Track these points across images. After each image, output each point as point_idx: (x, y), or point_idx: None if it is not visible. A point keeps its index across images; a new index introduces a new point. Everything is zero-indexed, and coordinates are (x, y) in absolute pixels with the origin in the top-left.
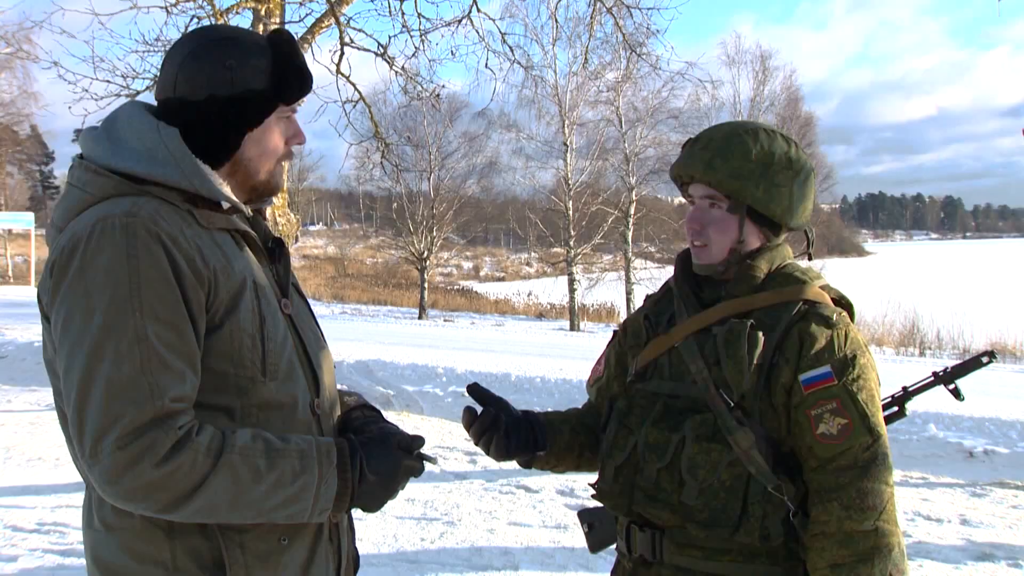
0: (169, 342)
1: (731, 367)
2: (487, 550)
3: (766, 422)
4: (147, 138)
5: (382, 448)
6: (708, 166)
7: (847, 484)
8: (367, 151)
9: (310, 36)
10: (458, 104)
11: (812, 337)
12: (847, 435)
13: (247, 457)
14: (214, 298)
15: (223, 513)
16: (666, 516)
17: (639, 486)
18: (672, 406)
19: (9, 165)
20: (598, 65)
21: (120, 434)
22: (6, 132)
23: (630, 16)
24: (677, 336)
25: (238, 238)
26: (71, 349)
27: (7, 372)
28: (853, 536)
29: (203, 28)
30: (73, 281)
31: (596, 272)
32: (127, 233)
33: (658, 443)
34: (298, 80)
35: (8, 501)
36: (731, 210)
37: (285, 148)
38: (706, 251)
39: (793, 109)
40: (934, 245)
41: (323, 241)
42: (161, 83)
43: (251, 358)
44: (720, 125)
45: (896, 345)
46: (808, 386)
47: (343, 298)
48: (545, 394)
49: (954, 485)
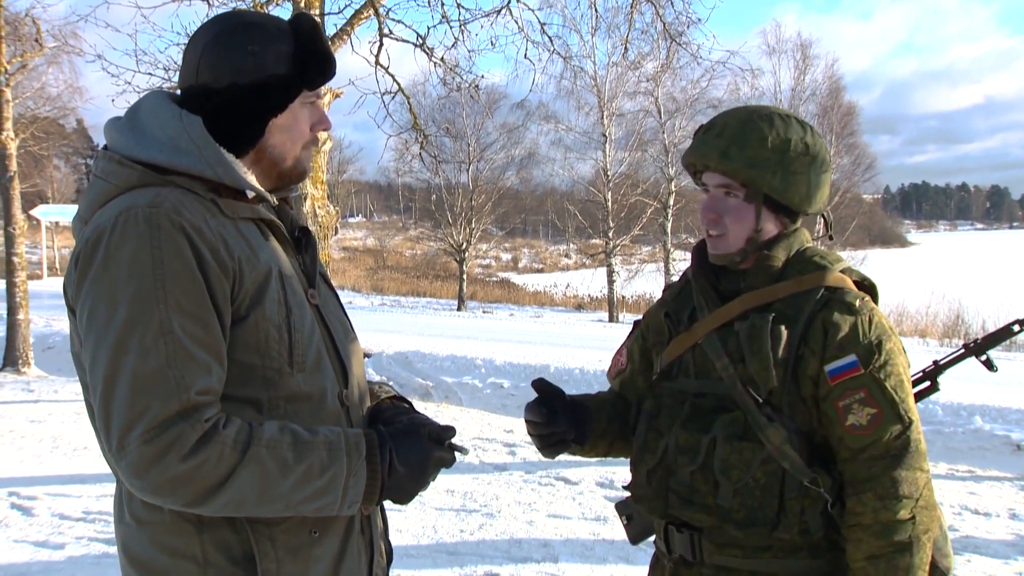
0: (194, 334)
1: (756, 364)
2: (526, 542)
3: (796, 415)
4: (170, 127)
5: (412, 439)
6: (723, 155)
7: (880, 474)
8: (406, 143)
9: (349, 27)
10: (497, 95)
11: (836, 326)
12: (877, 424)
13: (274, 450)
14: (239, 289)
15: (251, 506)
16: (703, 518)
17: (673, 489)
18: (700, 406)
19: (56, 159)
20: (637, 55)
21: (146, 428)
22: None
23: (670, 5)
24: (699, 333)
25: (264, 227)
26: (96, 342)
27: (54, 362)
28: (889, 526)
29: (225, 14)
30: (97, 274)
31: (635, 263)
32: (151, 224)
33: (689, 445)
34: (321, 65)
35: (55, 490)
36: (748, 199)
37: (310, 134)
38: (723, 241)
39: (835, 98)
40: (979, 235)
41: (362, 233)
42: (183, 71)
43: (277, 349)
44: (734, 110)
45: (940, 336)
46: (834, 377)
47: (382, 290)
48: (584, 385)
49: (1002, 479)
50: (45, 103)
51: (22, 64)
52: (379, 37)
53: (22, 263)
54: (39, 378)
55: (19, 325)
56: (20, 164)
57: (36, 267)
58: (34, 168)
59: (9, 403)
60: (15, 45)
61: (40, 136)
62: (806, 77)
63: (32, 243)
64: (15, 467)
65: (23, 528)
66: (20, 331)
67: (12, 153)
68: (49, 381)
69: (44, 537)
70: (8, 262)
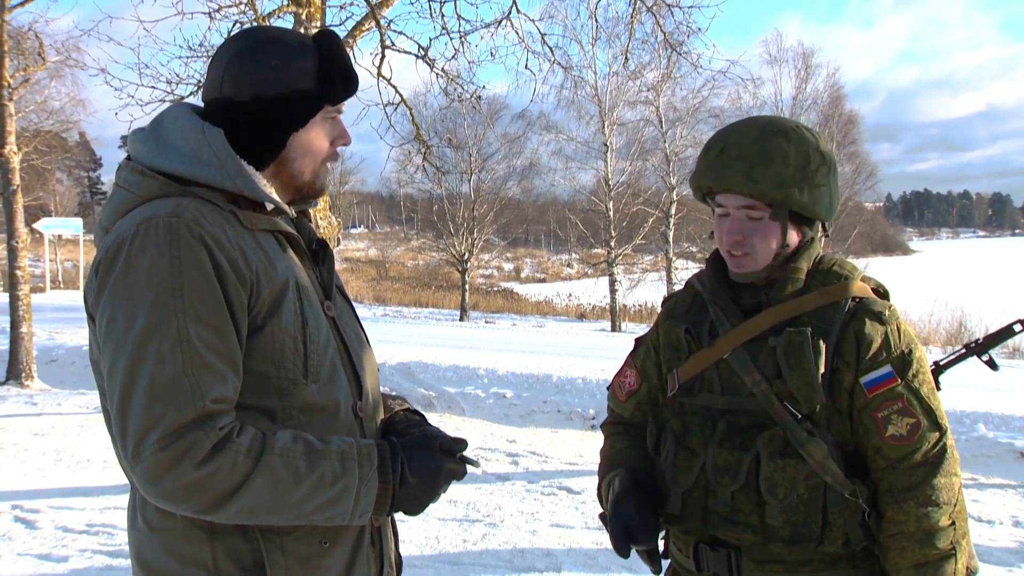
0: (211, 343)
1: (797, 380)
2: (529, 552)
3: (832, 428)
4: (192, 139)
5: (424, 450)
6: (748, 177)
7: (920, 482)
8: (408, 154)
9: (351, 39)
10: (498, 106)
11: (868, 337)
12: (917, 434)
13: (287, 459)
14: (256, 299)
15: (264, 514)
16: (747, 537)
17: (713, 510)
18: (735, 423)
19: (58, 172)
20: (638, 65)
21: (162, 434)
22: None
23: (671, 15)
24: (724, 348)
25: (281, 239)
26: (115, 350)
27: (57, 375)
28: (933, 533)
29: (249, 29)
30: (117, 281)
31: (637, 273)
32: (170, 234)
33: (729, 464)
34: (343, 80)
35: (58, 503)
36: (774, 217)
37: (330, 149)
38: (749, 260)
39: (836, 107)
40: (981, 243)
41: (365, 244)
42: (207, 84)
43: (293, 360)
44: (743, 128)
45: (943, 343)
46: (871, 388)
47: (385, 300)
48: (587, 395)
49: (1005, 486)
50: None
51: (25, 78)
52: (381, 49)
53: (25, 276)
54: (42, 391)
55: (22, 338)
56: (23, 177)
57: (39, 280)
58: (37, 181)
59: (12, 416)
60: (18, 59)
61: (43, 149)
62: (807, 86)
63: (35, 256)
64: (18, 480)
65: (27, 541)
66: (23, 344)
67: (15, 167)
68: (52, 394)
69: (47, 550)
70: (11, 275)
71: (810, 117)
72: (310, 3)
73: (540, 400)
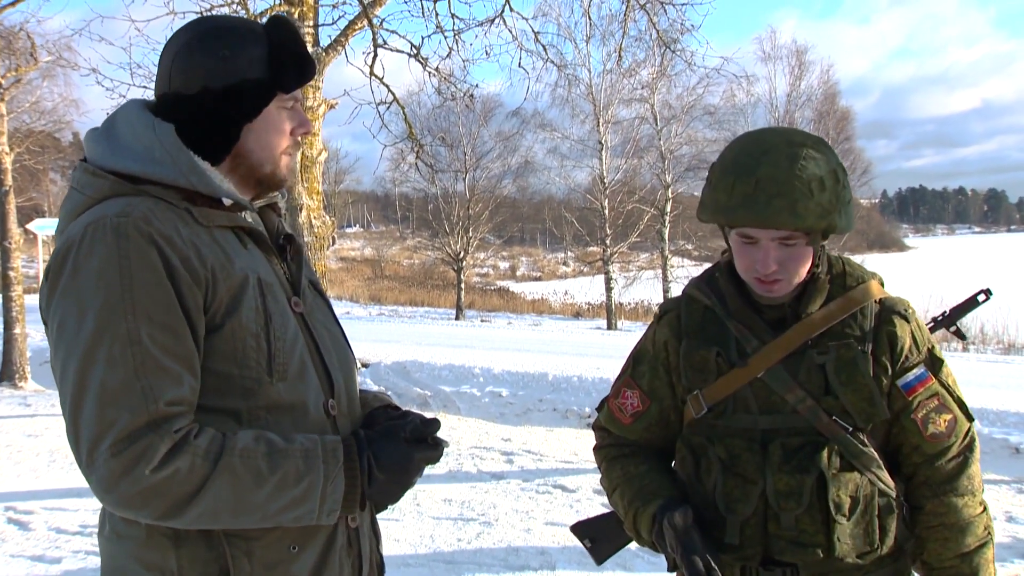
0: (164, 344)
1: (852, 395)
2: (524, 550)
3: (877, 434)
4: (143, 136)
5: (391, 441)
6: (794, 214)
7: (957, 474)
8: (402, 153)
9: (343, 38)
10: (492, 104)
11: (899, 338)
12: (954, 429)
13: (248, 459)
14: (212, 297)
15: (227, 517)
16: (813, 557)
17: (776, 535)
18: (788, 445)
19: (52, 172)
20: (632, 63)
21: (114, 440)
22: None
23: (664, 12)
24: (758, 367)
25: (242, 235)
26: (65, 355)
27: (51, 377)
28: (972, 522)
29: (198, 19)
30: (66, 285)
31: (633, 270)
32: (118, 234)
33: (791, 488)
34: (296, 67)
35: (52, 504)
36: (810, 243)
37: (289, 138)
38: (782, 285)
39: (830, 104)
40: (977, 239)
41: (360, 243)
42: (158, 78)
43: (256, 358)
44: (771, 157)
45: (939, 340)
46: (909, 391)
47: (380, 299)
48: (583, 393)
49: (999, 482)
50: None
51: (17, 79)
52: (373, 48)
53: (18, 277)
54: (36, 392)
55: (16, 339)
56: (16, 178)
57: (32, 281)
58: (30, 182)
59: (6, 417)
60: (10, 59)
61: (36, 150)
62: (801, 83)
63: (28, 257)
64: (12, 481)
65: (20, 543)
66: (17, 345)
67: (7, 167)
68: (46, 395)
69: (41, 551)
70: (4, 276)
71: (804, 114)
72: (303, 2)
73: (536, 399)
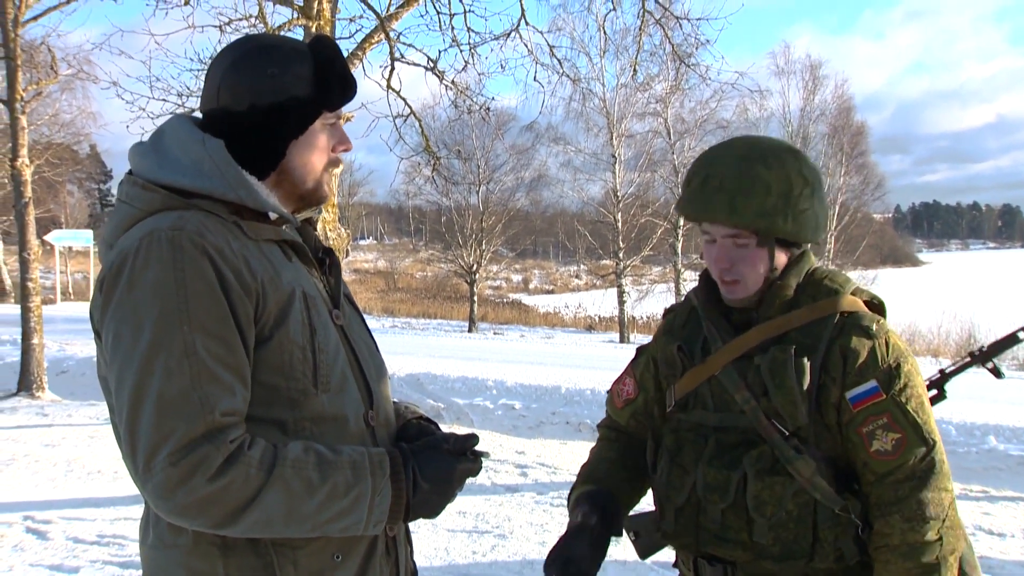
0: (218, 355)
1: (781, 398)
2: (539, 563)
3: (822, 444)
4: (192, 151)
5: (434, 454)
6: (731, 209)
7: (906, 496)
8: (417, 165)
9: (360, 52)
10: (506, 117)
11: (854, 352)
12: (902, 449)
13: (299, 470)
14: (262, 310)
15: (278, 527)
16: (737, 554)
17: (704, 527)
18: (723, 441)
19: (69, 184)
20: (646, 77)
21: (172, 449)
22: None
23: (679, 27)
24: (715, 365)
25: (287, 249)
26: (122, 365)
27: (68, 387)
28: (917, 547)
29: (245, 37)
30: (122, 297)
31: (646, 284)
32: (173, 246)
33: (718, 482)
34: (341, 85)
35: (69, 513)
36: (760, 244)
37: (332, 155)
38: (739, 287)
39: (845, 118)
40: (991, 254)
41: (373, 255)
42: (205, 95)
43: (302, 370)
44: (722, 156)
45: (952, 355)
46: (856, 404)
47: (393, 312)
48: (596, 406)
49: (1016, 499)
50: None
51: (37, 91)
52: (391, 61)
53: (36, 288)
54: (53, 402)
55: (33, 350)
56: (34, 190)
57: (50, 292)
58: (48, 194)
59: (24, 427)
60: (30, 72)
61: (54, 162)
62: (815, 97)
63: (46, 268)
64: (30, 491)
65: (38, 552)
66: (34, 355)
67: (27, 179)
68: (63, 405)
69: (59, 561)
70: (23, 287)
71: (818, 128)
72: (320, 16)
73: (549, 411)
